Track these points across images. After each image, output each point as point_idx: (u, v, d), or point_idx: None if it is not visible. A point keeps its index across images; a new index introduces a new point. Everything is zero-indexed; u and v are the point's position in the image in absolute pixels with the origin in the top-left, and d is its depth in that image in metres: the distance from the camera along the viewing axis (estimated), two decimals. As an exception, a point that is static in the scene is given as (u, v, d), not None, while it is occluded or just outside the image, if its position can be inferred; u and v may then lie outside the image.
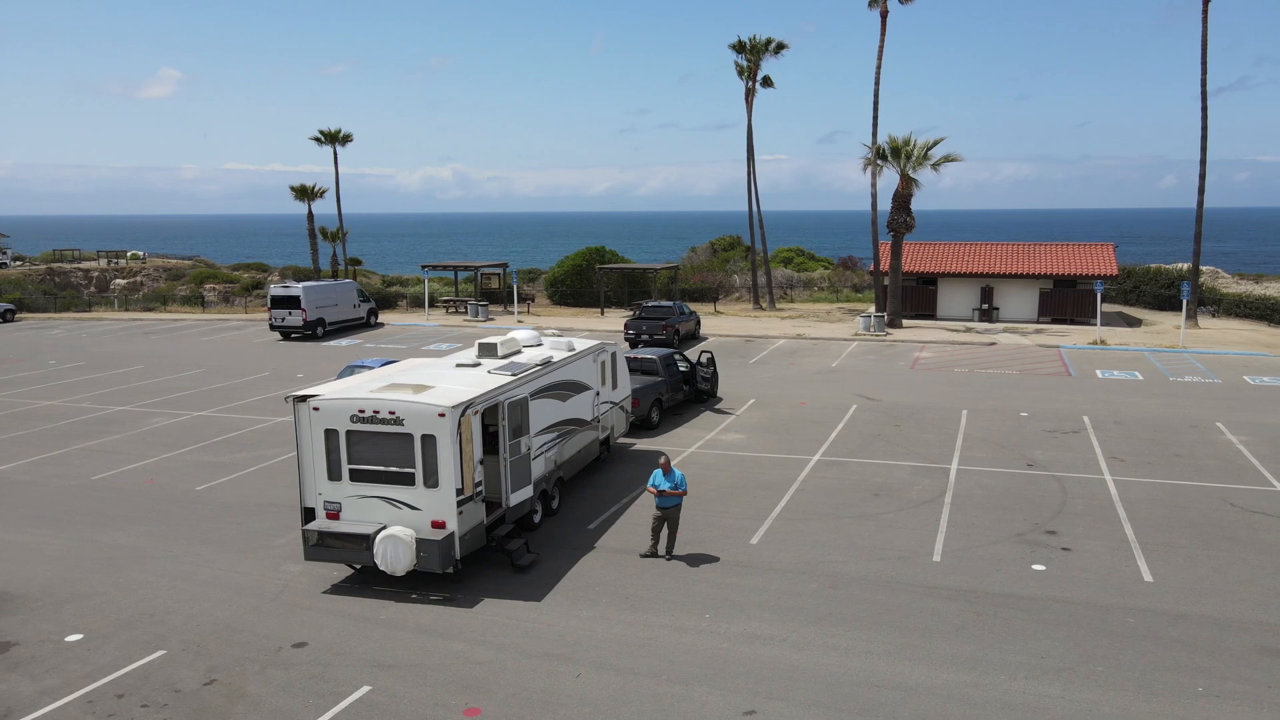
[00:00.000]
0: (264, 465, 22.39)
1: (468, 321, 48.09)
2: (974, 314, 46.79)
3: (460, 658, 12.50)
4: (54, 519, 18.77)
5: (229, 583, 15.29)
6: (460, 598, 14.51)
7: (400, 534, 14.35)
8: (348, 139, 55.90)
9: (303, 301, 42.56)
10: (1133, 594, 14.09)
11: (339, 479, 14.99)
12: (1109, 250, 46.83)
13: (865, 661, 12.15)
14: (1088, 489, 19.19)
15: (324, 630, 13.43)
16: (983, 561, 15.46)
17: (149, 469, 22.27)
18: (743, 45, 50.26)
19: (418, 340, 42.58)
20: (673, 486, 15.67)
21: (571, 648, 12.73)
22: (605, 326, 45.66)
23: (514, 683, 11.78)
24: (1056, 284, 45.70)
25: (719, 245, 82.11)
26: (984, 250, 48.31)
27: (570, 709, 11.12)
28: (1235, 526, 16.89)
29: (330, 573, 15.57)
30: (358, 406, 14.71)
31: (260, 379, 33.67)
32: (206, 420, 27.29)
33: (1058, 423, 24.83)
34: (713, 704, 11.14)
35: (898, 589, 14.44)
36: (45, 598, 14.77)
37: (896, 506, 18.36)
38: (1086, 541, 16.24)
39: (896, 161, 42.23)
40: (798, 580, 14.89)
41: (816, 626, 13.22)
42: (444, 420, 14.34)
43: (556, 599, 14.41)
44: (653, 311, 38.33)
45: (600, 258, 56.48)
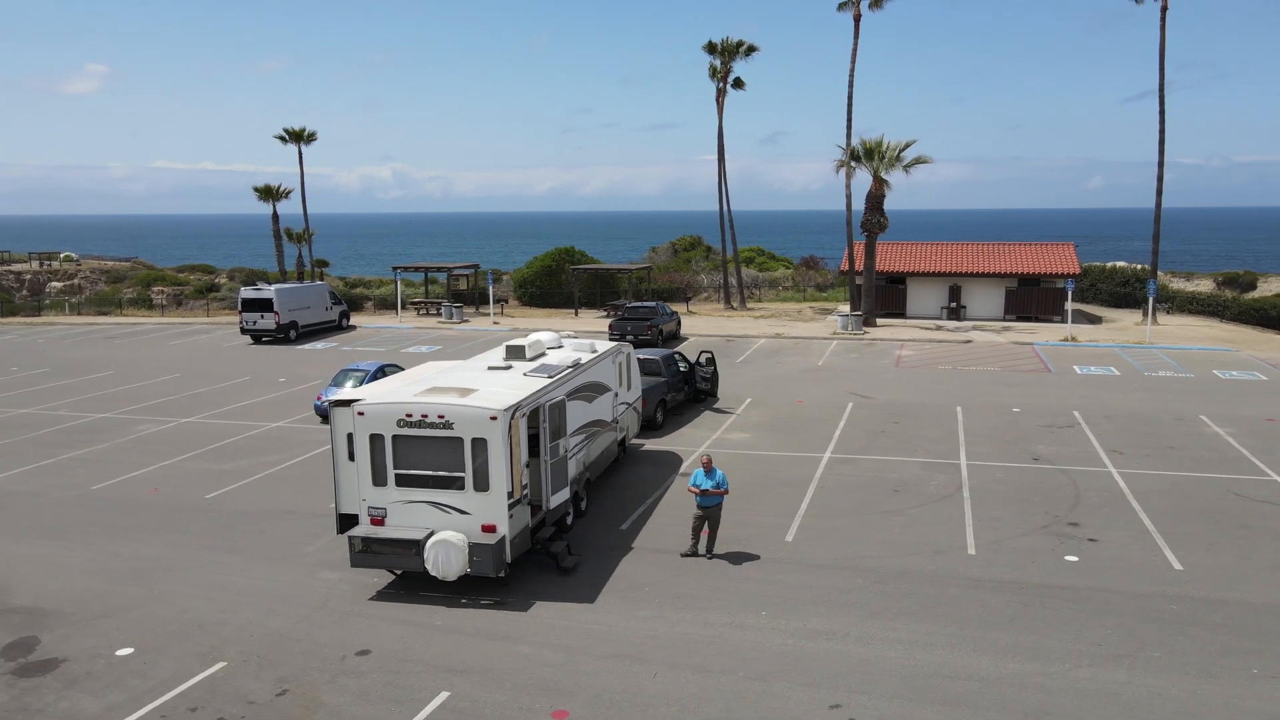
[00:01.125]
0: (271, 472, 21.98)
1: (442, 323, 47.62)
2: (942, 312, 47.84)
3: (531, 661, 12.50)
4: (63, 531, 18.20)
5: (269, 592, 15.03)
6: (511, 601, 14.48)
7: (453, 539, 14.26)
8: (312, 137, 54.87)
9: (275, 304, 41.73)
10: (1167, 582, 14.66)
11: (384, 484, 14.83)
12: (1070, 250, 48.28)
13: (931, 654, 12.46)
14: (1097, 482, 19.84)
15: (383, 637, 13.29)
16: (1016, 554, 15.92)
17: (150, 478, 21.70)
18: (715, 47, 50.62)
19: (395, 343, 42.06)
20: (715, 486, 15.84)
21: (638, 648, 12.82)
22: (581, 327, 45.59)
23: (592, 684, 11.83)
24: (1021, 283, 46.96)
25: (680, 245, 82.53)
26: (951, 250, 49.42)
27: (657, 708, 11.21)
28: (1246, 515, 17.65)
29: (372, 579, 15.39)
30: (405, 410, 14.58)
31: (241, 384, 32.97)
32: (196, 427, 26.65)
33: (1050, 418, 25.60)
34: (796, 699, 11.34)
35: (942, 582, 14.80)
36: (81, 612, 14.35)
37: (918, 502, 18.78)
38: (1109, 533, 16.82)
39: (870, 163, 42.98)
40: (842, 576, 15.17)
41: (873, 621, 13.50)
42: (496, 423, 14.30)
43: (609, 600, 14.47)
44: (636, 312, 38.45)
45: (570, 258, 56.38)
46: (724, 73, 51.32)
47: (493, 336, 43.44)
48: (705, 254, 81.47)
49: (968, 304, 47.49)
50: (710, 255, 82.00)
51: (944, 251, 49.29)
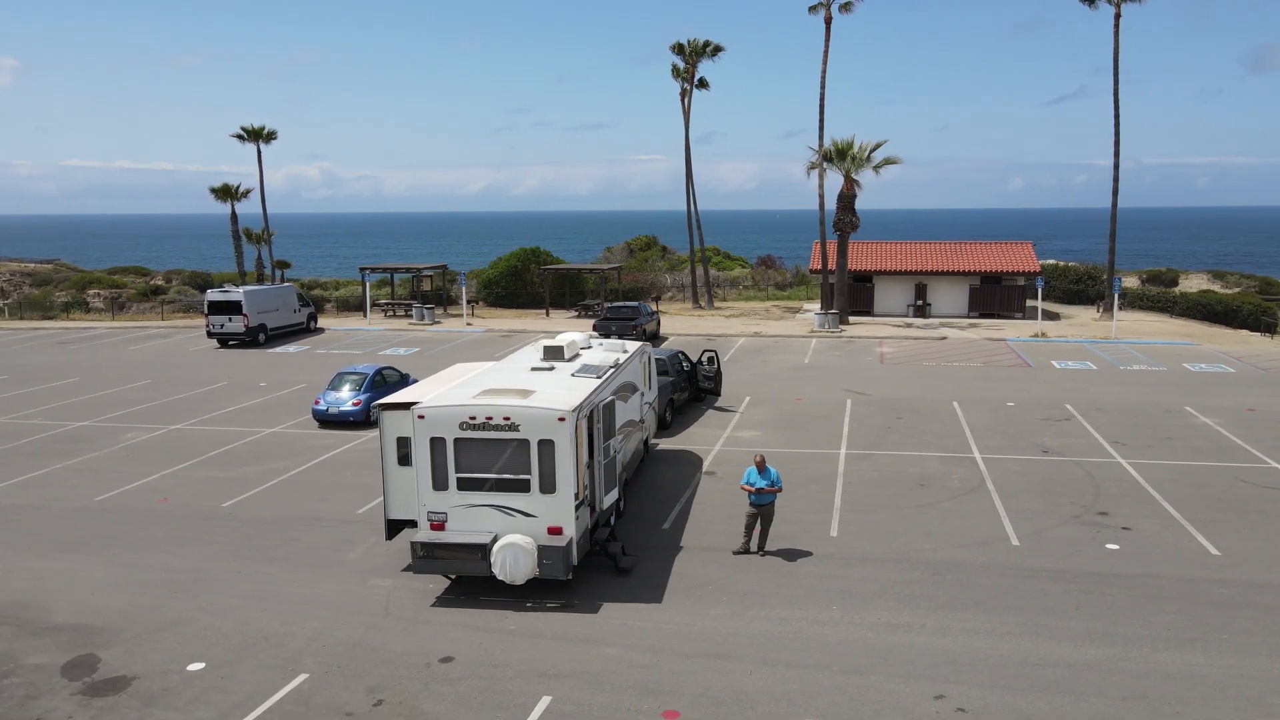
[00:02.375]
0: (284, 478, 21.43)
1: (413, 325, 46.86)
2: (909, 310, 48.87)
3: (620, 662, 12.46)
4: (80, 544, 17.48)
5: (325, 601, 14.67)
6: (578, 604, 14.39)
7: (521, 542, 14.12)
8: (271, 136, 53.44)
9: (244, 306, 40.60)
10: (1209, 566, 15.28)
11: (445, 488, 14.60)
12: (1029, 248, 49.77)
13: (1011, 643, 12.78)
14: (1110, 472, 20.55)
15: (460, 644, 13.09)
16: (1058, 543, 16.42)
17: (155, 487, 20.96)
18: (681, 48, 50.90)
19: (369, 345, 41.28)
20: (769, 483, 15.97)
21: (724, 646, 12.87)
22: (553, 327, 45.36)
23: (691, 683, 11.84)
24: (984, 280, 48.25)
25: (636, 245, 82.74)
26: (916, 249, 50.52)
27: (764, 705, 11.29)
28: (1258, 501, 18.48)
29: (428, 585, 15.14)
30: (469, 413, 14.38)
31: (220, 389, 32.01)
32: (187, 434, 25.81)
33: (1046, 411, 26.40)
34: (899, 692, 11.53)
35: (997, 573, 15.18)
36: (132, 627, 13.81)
37: (946, 495, 19.21)
38: (1140, 521, 17.46)
39: (842, 164, 43.69)
40: (898, 569, 15.45)
41: (943, 613, 13.79)
42: (564, 425, 14.20)
43: (676, 600, 14.49)
44: (619, 312, 38.44)
45: (536, 258, 56.03)
46: (689, 73, 51.64)
47: (470, 338, 42.95)
48: (662, 254, 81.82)
49: (933, 301, 48.62)
50: (666, 255, 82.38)
51: (909, 250, 50.37)
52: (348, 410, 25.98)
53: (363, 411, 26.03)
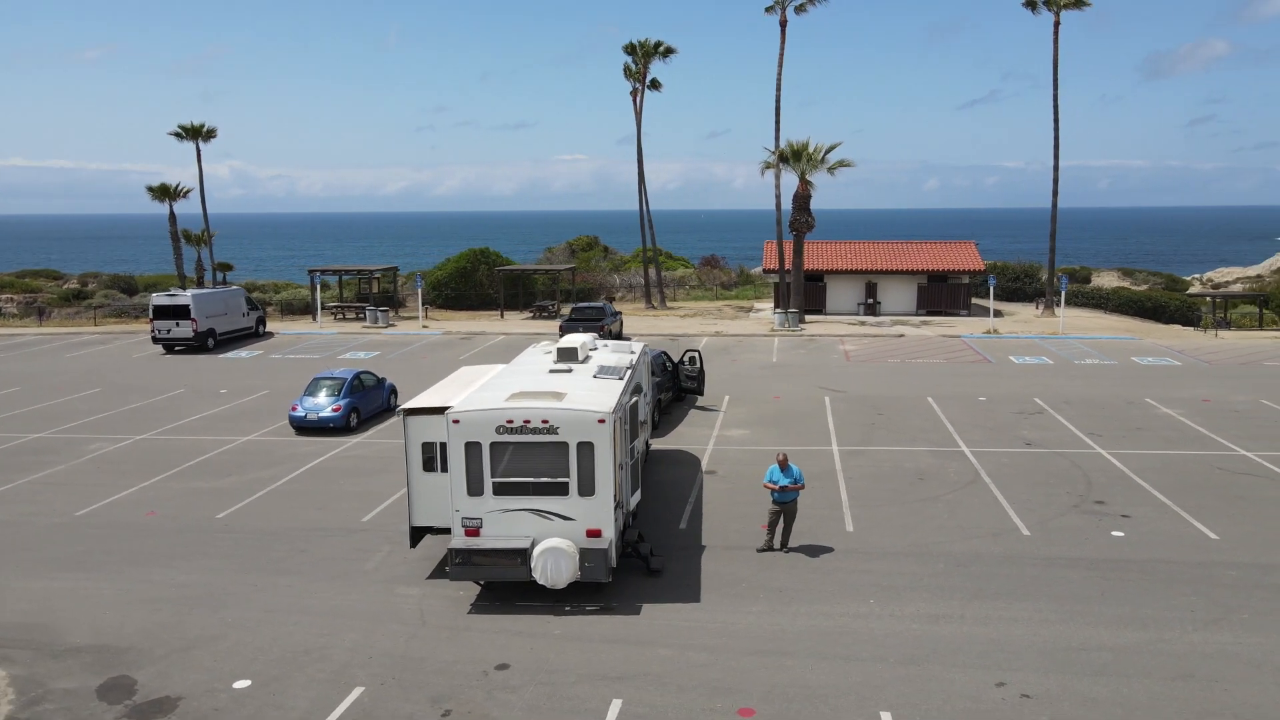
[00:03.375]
0: (274, 488, 20.81)
1: (367, 328, 45.84)
2: (859, 308, 49.89)
3: (680, 663, 12.47)
4: (74, 560, 16.69)
5: (355, 612, 14.32)
6: (617, 605, 14.35)
7: (563, 546, 14.02)
8: (211, 134, 51.61)
9: (193, 311, 39.17)
10: (1211, 550, 16.05)
11: (481, 493, 14.39)
12: (972, 248, 51.33)
13: (1051, 629, 13.22)
14: (1094, 463, 21.38)
15: (512, 651, 12.94)
16: (1066, 532, 17.03)
17: (138, 500, 20.14)
18: (634, 48, 50.99)
19: (325, 349, 40.27)
20: (792, 481, 16.18)
21: (776, 642, 13.00)
22: (508, 329, 45.01)
23: (757, 680, 11.94)
24: (930, 279, 49.58)
25: (578, 246, 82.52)
26: (865, 249, 51.62)
27: (835, 699, 11.45)
28: (1238, 487, 19.47)
29: (457, 592, 14.90)
30: (505, 417, 14.21)
31: (179, 397, 30.86)
32: (156, 444, 24.84)
33: (1017, 405, 27.31)
34: (960, 681, 11.82)
35: (1017, 562, 15.67)
36: (159, 646, 13.27)
37: (947, 489, 19.72)
38: (1135, 509, 18.21)
39: (797, 164, 44.36)
40: (922, 562, 15.81)
41: (979, 602, 14.18)
42: (604, 426, 14.15)
43: (714, 599, 14.56)
44: (584, 313, 38.33)
45: (486, 259, 55.46)
46: (641, 73, 51.78)
47: (429, 340, 42.27)
48: (604, 254, 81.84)
49: (883, 300, 49.73)
50: (609, 255, 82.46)
51: (859, 250, 51.43)
52: (328, 416, 25.33)
53: (343, 417, 25.43)
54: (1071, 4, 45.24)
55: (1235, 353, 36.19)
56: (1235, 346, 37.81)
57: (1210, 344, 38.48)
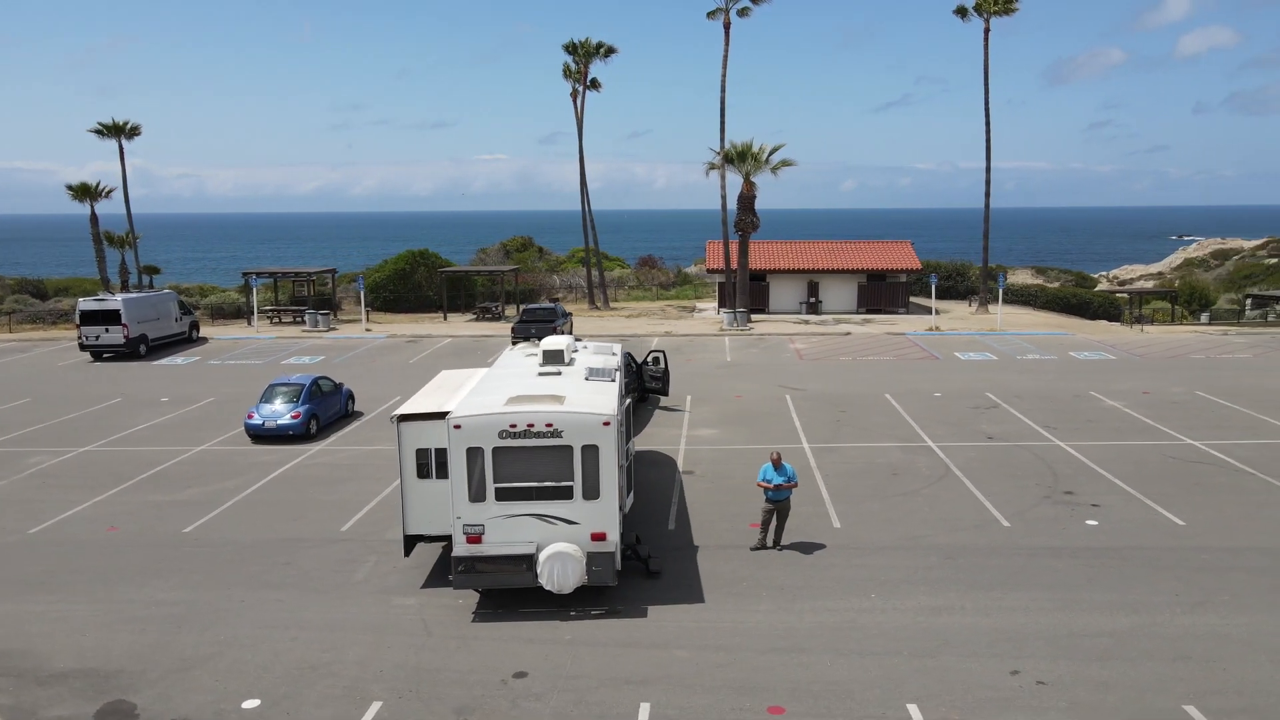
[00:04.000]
0: (240, 499, 20.11)
1: (307, 332, 44.58)
2: (801, 307, 50.67)
3: (699, 664, 12.49)
4: (39, 581, 15.85)
5: (354, 624, 13.95)
6: (622, 609, 14.31)
7: (569, 550, 13.91)
8: (135, 131, 49.46)
9: (124, 316, 37.52)
10: (1182, 536, 16.79)
11: (483, 499, 14.16)
12: (908, 247, 52.63)
13: (1050, 617, 13.65)
14: (1055, 455, 22.15)
15: (526, 658, 12.77)
16: (1044, 523, 17.61)
17: (94, 516, 19.24)
18: (574, 47, 50.79)
19: (268, 354, 39.05)
20: (786, 479, 16.36)
21: (789, 640, 13.13)
22: (452, 332, 44.37)
23: (779, 678, 12.03)
24: (869, 278, 50.66)
25: (511, 246, 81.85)
26: (806, 248, 52.45)
27: (862, 694, 11.62)
28: (1192, 475, 20.41)
29: (456, 601, 14.64)
30: (508, 421, 14.01)
31: (116, 406, 29.56)
32: (102, 456, 23.77)
33: (971, 400, 28.11)
34: (977, 670, 12.12)
35: (1004, 553, 16.13)
36: (151, 668, 12.70)
37: (922, 483, 20.19)
38: (1102, 498, 18.94)
39: (742, 165, 44.82)
40: (912, 555, 16.16)
41: (975, 593, 14.54)
42: (608, 429, 14.08)
43: (718, 599, 14.63)
44: (536, 314, 38.03)
45: (425, 261, 54.56)
46: (581, 74, 51.63)
47: (375, 343, 41.36)
48: (539, 254, 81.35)
49: (824, 299, 50.61)
50: (544, 255, 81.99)
51: (800, 250, 52.24)
52: (287, 424, 24.57)
53: (303, 424, 24.70)
54: (1000, 11, 46.75)
55: (1163, 347, 37.94)
56: (1161, 341, 39.63)
57: (1138, 339, 40.25)
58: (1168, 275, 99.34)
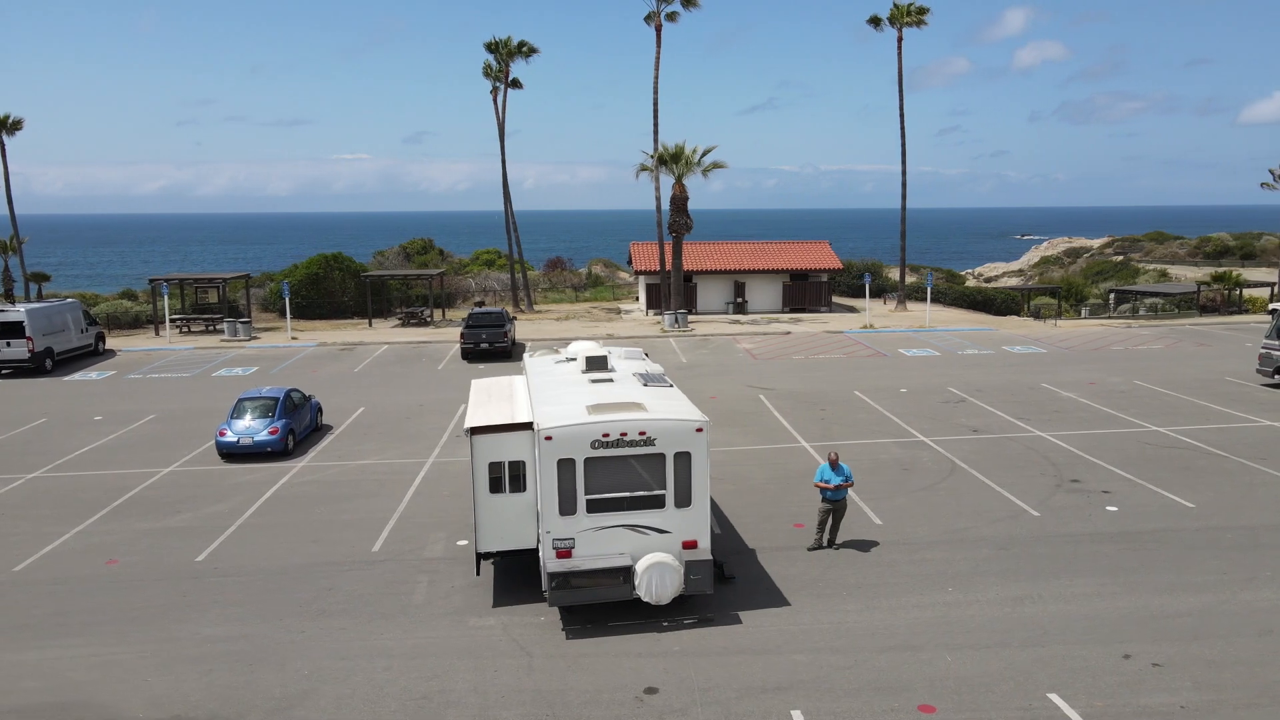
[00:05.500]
0: (243, 522, 18.79)
1: (226, 342, 41.94)
2: (728, 307, 51.36)
3: (825, 666, 12.47)
4: (55, 625, 14.36)
5: (441, 649, 13.25)
6: (714, 617, 14.14)
7: (669, 560, 13.64)
8: (17, 126, 45.25)
9: (28, 328, 34.38)
10: (1198, 517, 17.92)
11: (573, 512, 13.70)
12: (826, 247, 54.17)
13: (1127, 600, 14.30)
14: (1042, 445, 23.24)
15: (647, 673, 12.43)
16: (1068, 510, 18.45)
17: (80, 548, 17.58)
18: (496, 46, 49.86)
19: (192, 366, 36.54)
20: (844, 479, 16.55)
21: (896, 637, 13.27)
22: (389, 338, 42.78)
23: (914, 676, 12.14)
24: (792, 277, 51.85)
25: (411, 249, 79.58)
26: (732, 249, 53.20)
27: (999, 685, 11.86)
28: (1176, 460, 21.82)
29: (535, 619, 14.15)
30: (601, 431, 13.60)
31: (46, 428, 27.08)
32: (56, 483, 21.77)
33: (939, 395, 29.17)
34: (1093, 656, 12.57)
35: (1049, 541, 16.80)
36: (249, 710, 11.71)
37: (936, 477, 20.80)
38: (1108, 484, 20.00)
39: (675, 167, 45.05)
40: (964, 548, 16.63)
41: (1045, 581, 15.07)
42: (701, 435, 13.88)
43: (802, 600, 14.65)
44: (483, 319, 37.06)
45: (339, 265, 52.34)
46: (502, 72, 50.74)
47: (308, 353, 39.34)
48: (440, 256, 79.36)
49: (750, 299, 51.48)
50: (446, 258, 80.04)
51: (726, 251, 52.93)
52: (265, 440, 23.06)
53: (281, 440, 23.26)
54: (912, 22, 48.71)
55: (1082, 340, 40.43)
56: (1078, 334, 42.22)
57: (1055, 333, 42.74)
58: (1028, 271, 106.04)
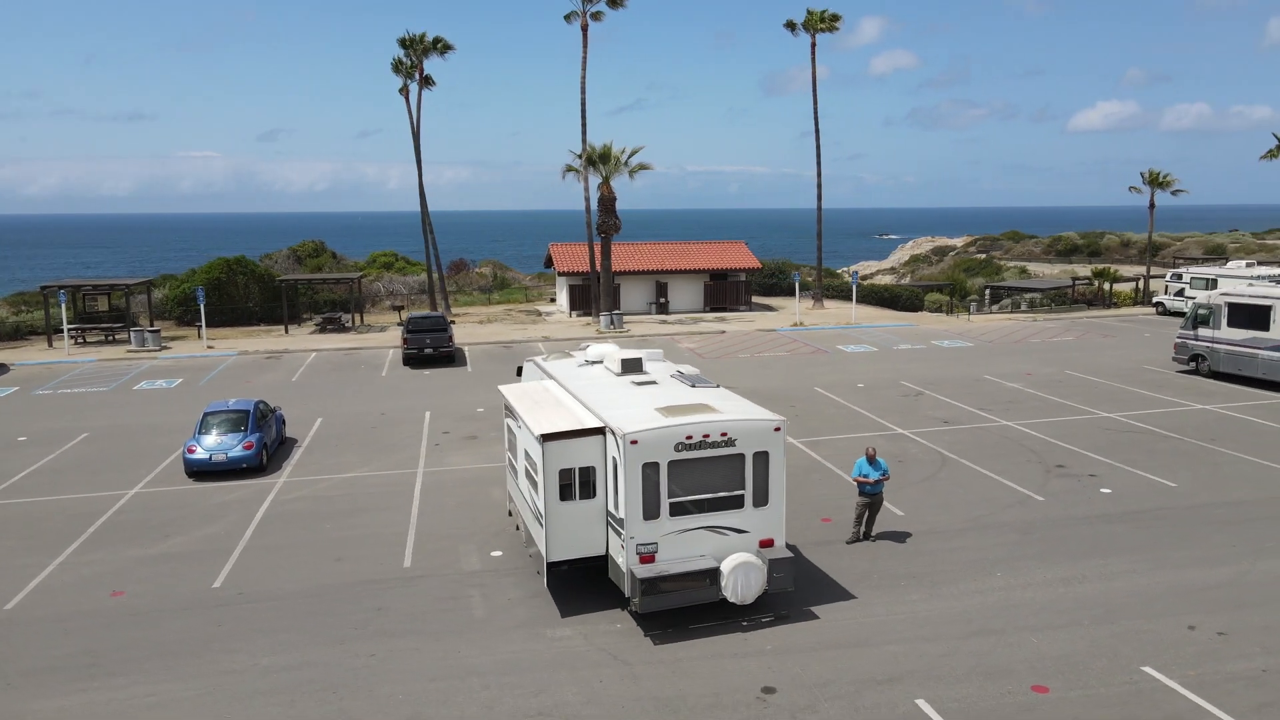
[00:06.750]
0: (246, 544, 17.69)
1: (134, 353, 39.03)
2: (650, 307, 51.60)
3: (924, 655, 12.76)
4: (84, 667, 13.15)
5: (532, 662, 12.88)
6: (788, 613, 14.27)
7: (753, 560, 13.69)
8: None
9: (-84, 342, 31.12)
10: (1183, 496, 19.27)
11: (656, 516, 13.57)
12: (744, 247, 55.21)
13: (1161, 576, 15.25)
14: (1013, 434, 24.47)
15: (754, 673, 12.43)
16: (1067, 494, 19.51)
17: (70, 582, 16.14)
18: (409, 42, 48.40)
19: (108, 379, 33.89)
20: (882, 474, 16.99)
21: (972, 623, 13.73)
22: (315, 345, 40.89)
23: (1012, 658, 12.59)
24: (712, 277, 52.59)
25: (302, 252, 76.35)
26: (654, 249, 53.46)
27: (1093, 663, 12.43)
28: (1138, 443, 23.37)
29: (611, 626, 13.94)
30: (685, 433, 13.51)
31: (-34, 449, 24.64)
32: (8, 510, 19.90)
33: (896, 389, 30.24)
34: (1163, 629, 13.36)
35: (1066, 524, 17.73)
36: (357, 742, 11.01)
37: (932, 468, 21.59)
38: (1091, 468, 21.25)
39: (603, 168, 44.94)
40: (991, 534, 17.36)
41: (1082, 561, 15.89)
42: (779, 434, 14.01)
43: (867, 593, 14.95)
44: (423, 323, 35.94)
45: (243, 270, 49.64)
46: (415, 68, 49.31)
47: (231, 362, 37.15)
48: (333, 259, 76.40)
49: (672, 299, 51.89)
50: (338, 261, 77.09)
51: (648, 251, 53.16)
52: (240, 456, 21.69)
53: (257, 455, 21.94)
54: (826, 28, 50.27)
55: (998, 333, 42.72)
56: (992, 328, 44.56)
57: (971, 327, 44.98)
58: (899, 269, 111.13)
